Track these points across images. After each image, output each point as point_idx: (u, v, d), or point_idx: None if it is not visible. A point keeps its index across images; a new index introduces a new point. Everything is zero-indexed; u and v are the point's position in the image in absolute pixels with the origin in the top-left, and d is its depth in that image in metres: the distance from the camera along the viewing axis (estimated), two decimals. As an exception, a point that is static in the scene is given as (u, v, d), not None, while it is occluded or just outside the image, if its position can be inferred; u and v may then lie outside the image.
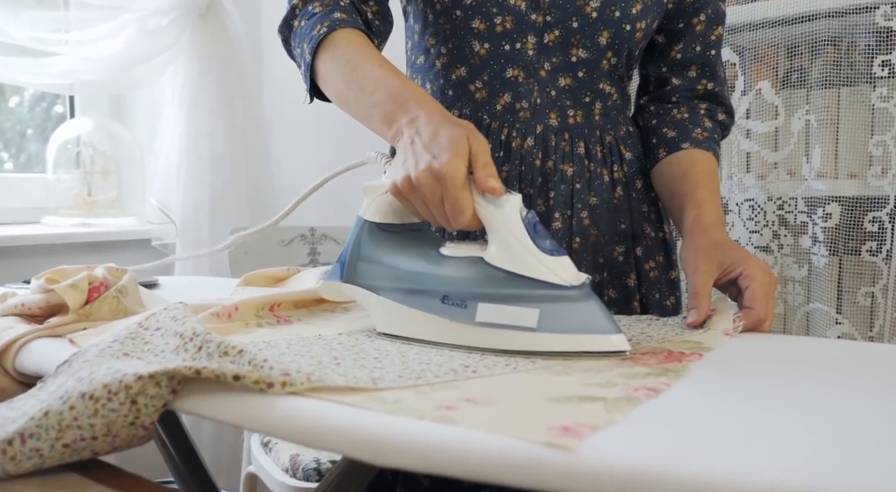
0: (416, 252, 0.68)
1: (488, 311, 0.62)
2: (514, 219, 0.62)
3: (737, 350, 0.66)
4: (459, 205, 0.62)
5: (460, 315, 0.63)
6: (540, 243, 0.62)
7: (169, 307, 0.68)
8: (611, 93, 0.93)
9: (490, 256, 0.63)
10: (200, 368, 0.53)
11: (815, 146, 1.17)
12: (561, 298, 0.61)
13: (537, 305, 0.60)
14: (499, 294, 0.62)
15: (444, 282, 0.64)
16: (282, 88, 2.12)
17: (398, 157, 0.68)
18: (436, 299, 0.64)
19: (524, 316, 0.61)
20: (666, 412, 0.48)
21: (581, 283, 0.62)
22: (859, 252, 1.15)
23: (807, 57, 1.21)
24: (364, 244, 0.71)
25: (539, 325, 0.60)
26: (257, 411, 0.50)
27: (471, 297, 0.63)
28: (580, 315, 0.61)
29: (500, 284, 0.62)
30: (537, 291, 0.61)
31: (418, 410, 0.48)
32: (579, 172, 0.91)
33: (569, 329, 0.60)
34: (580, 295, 0.61)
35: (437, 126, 0.67)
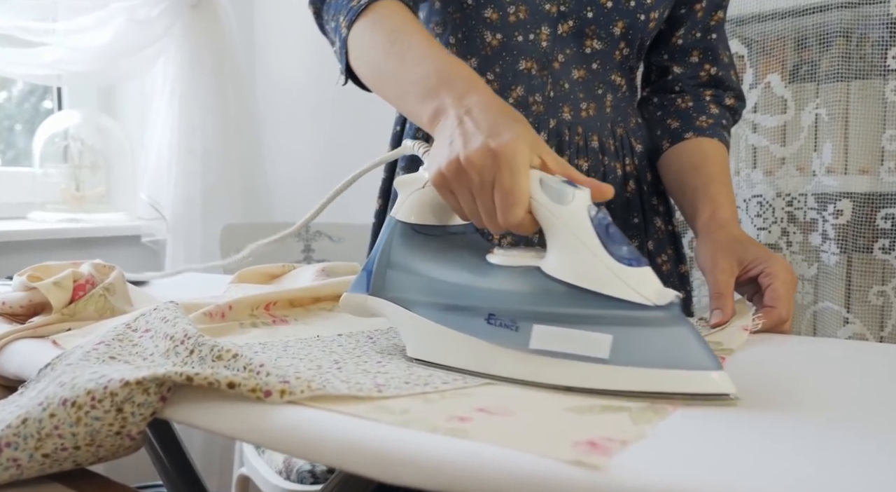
0: (458, 260, 0.56)
1: (546, 335, 0.49)
2: (582, 219, 0.49)
3: (759, 353, 0.63)
4: (515, 194, 0.51)
5: (510, 339, 0.50)
6: (614, 250, 0.49)
7: (159, 307, 0.65)
8: (621, 84, 0.90)
9: (549, 266, 0.50)
10: (192, 374, 0.49)
11: (826, 141, 1.14)
12: (642, 321, 0.47)
13: (610, 330, 0.47)
14: (560, 314, 0.49)
15: (489, 297, 0.52)
16: (276, 81, 2.07)
17: (441, 139, 0.57)
18: (480, 318, 0.51)
19: (593, 343, 0.47)
20: (697, 424, 0.44)
21: (668, 302, 0.48)
22: (871, 250, 1.12)
23: (816, 49, 1.18)
24: (396, 249, 0.58)
25: (612, 355, 0.47)
26: (254, 422, 0.47)
27: (523, 316, 0.50)
28: (668, 344, 0.46)
29: (562, 302, 0.49)
30: (611, 312, 0.48)
31: (429, 421, 0.44)
32: (594, 166, 0.88)
33: (652, 362, 0.46)
34: (667, 318, 0.47)
35: (497, 109, 0.57)
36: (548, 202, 0.51)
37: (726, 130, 0.91)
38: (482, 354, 0.52)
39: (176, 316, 0.61)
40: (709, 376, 0.46)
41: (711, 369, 0.46)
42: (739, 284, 0.74)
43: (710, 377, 0.46)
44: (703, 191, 0.82)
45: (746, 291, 0.75)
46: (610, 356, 0.47)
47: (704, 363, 0.46)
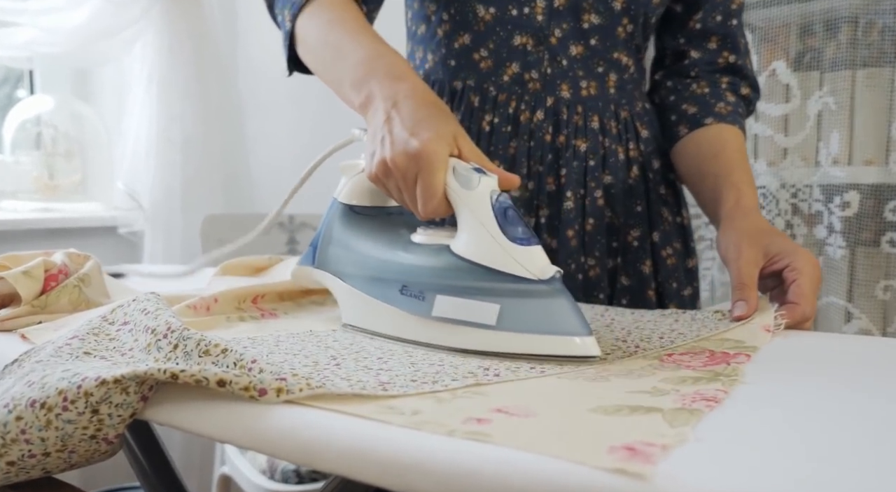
0: (387, 238, 0.63)
1: (446, 304, 0.56)
2: (483, 202, 0.56)
3: (785, 350, 0.59)
4: (431, 189, 0.56)
5: (417, 308, 0.57)
6: (509, 231, 0.55)
7: (139, 298, 0.59)
8: (627, 64, 0.86)
9: (456, 245, 0.57)
10: (177, 371, 0.44)
11: (833, 131, 1.11)
12: (525, 293, 0.54)
13: (498, 300, 0.54)
14: (458, 286, 0.56)
15: (403, 270, 0.59)
16: (258, 68, 2.01)
17: (371, 133, 0.62)
18: (395, 289, 0.59)
19: (483, 312, 0.54)
20: (736, 426, 0.40)
21: (550, 276, 0.54)
22: (878, 243, 1.09)
23: (822, 36, 1.15)
24: (336, 227, 0.66)
25: (498, 322, 0.54)
26: (247, 425, 0.42)
27: (429, 288, 0.57)
28: (546, 313, 0.53)
29: (461, 276, 0.56)
30: (499, 285, 0.54)
31: (444, 424, 0.40)
32: (593, 147, 0.84)
33: (531, 328, 0.53)
34: (548, 290, 0.54)
35: (420, 103, 0.61)
36: (457, 187, 0.57)
37: (742, 118, 0.88)
38: (397, 320, 0.59)
39: (158, 308, 0.56)
40: (575, 340, 0.53)
41: (580, 334, 0.53)
42: (761, 278, 0.70)
43: (578, 342, 0.53)
44: (726, 178, 0.79)
45: (768, 284, 0.71)
46: (497, 323, 0.54)
47: (575, 329, 0.53)
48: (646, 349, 0.59)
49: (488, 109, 0.84)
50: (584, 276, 0.85)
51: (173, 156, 1.85)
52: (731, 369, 0.52)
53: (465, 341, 0.55)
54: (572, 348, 0.53)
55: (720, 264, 1.29)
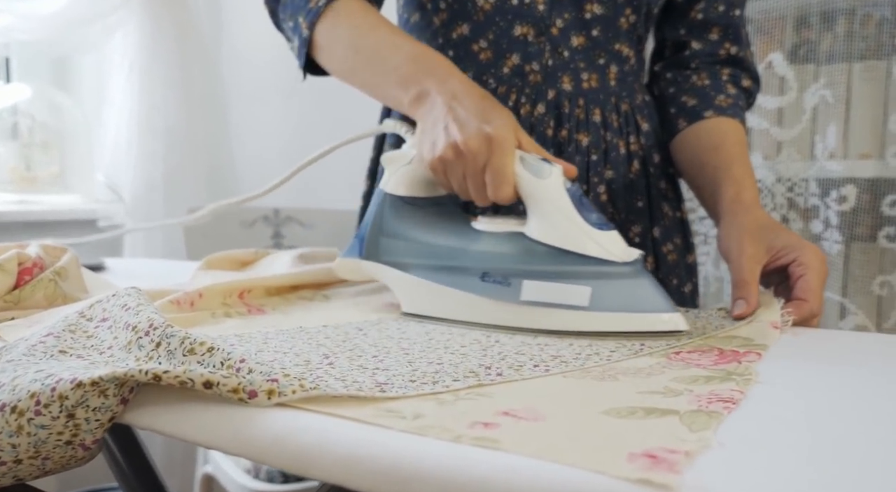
0: (447, 227, 0.65)
1: (534, 288, 0.58)
2: (559, 190, 0.58)
3: (796, 348, 0.57)
4: (505, 173, 0.59)
5: (503, 294, 0.59)
6: (587, 216, 0.58)
7: (119, 293, 0.56)
8: (628, 56, 0.84)
9: (532, 231, 0.59)
10: (160, 372, 0.41)
11: (829, 124, 1.10)
12: (612, 274, 0.57)
13: (588, 283, 0.57)
14: (545, 271, 0.58)
15: (483, 258, 0.60)
16: (243, 57, 1.97)
17: (430, 124, 0.63)
18: (475, 277, 0.60)
19: (574, 294, 0.57)
20: (759, 430, 0.38)
21: (634, 259, 0.58)
22: (875, 238, 1.07)
23: (818, 29, 1.13)
24: (387, 219, 0.67)
25: (591, 303, 0.56)
26: (236, 430, 0.39)
27: (514, 274, 0.59)
28: (633, 293, 0.57)
29: (546, 261, 0.58)
30: (587, 268, 0.57)
31: (449, 428, 0.37)
32: (595, 142, 0.81)
33: (622, 307, 0.56)
34: (633, 272, 0.57)
35: (480, 96, 0.64)
36: (529, 177, 0.59)
37: (743, 112, 0.85)
38: (478, 306, 0.60)
39: (139, 303, 0.53)
40: (666, 317, 0.57)
41: (668, 311, 0.57)
42: (766, 273, 0.68)
43: (668, 318, 0.57)
44: (726, 171, 0.76)
45: (772, 280, 0.69)
46: (590, 304, 0.56)
47: (663, 307, 0.57)
48: (651, 347, 0.56)
49: None
50: None
51: (155, 147, 1.81)
52: (743, 367, 0.50)
53: (558, 323, 0.57)
54: (662, 324, 0.56)
55: (714, 259, 1.27)
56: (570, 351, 0.54)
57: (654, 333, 0.56)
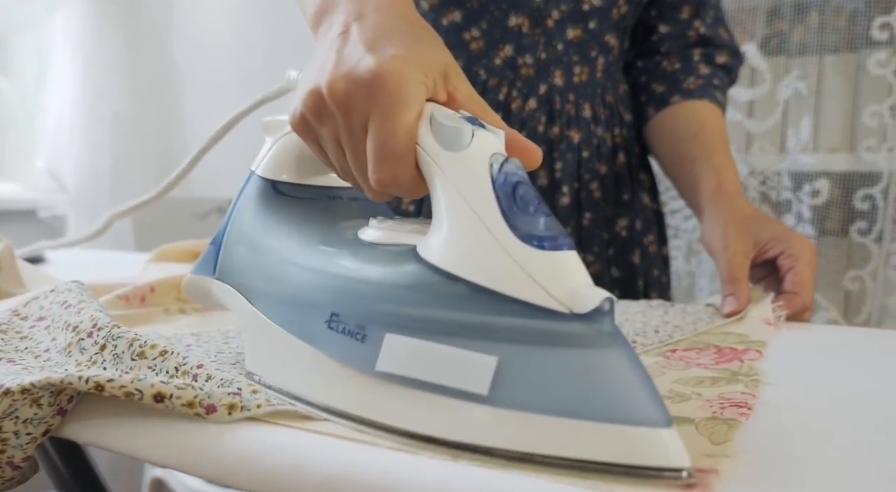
0: (320, 234, 0.40)
1: (400, 349, 0.32)
2: (477, 172, 0.33)
3: (795, 346, 0.54)
4: (391, 141, 0.34)
5: (353, 353, 0.33)
6: (521, 223, 0.32)
7: (58, 288, 0.50)
8: (614, 46, 0.81)
9: (426, 246, 0.34)
10: (103, 380, 0.35)
11: (803, 117, 1.08)
12: (545, 336, 0.30)
13: (496, 349, 0.30)
14: (427, 318, 0.32)
15: (335, 289, 0.35)
16: (196, 40, 1.89)
17: (316, 55, 0.40)
18: (320, 320, 0.35)
19: (468, 368, 0.30)
20: (783, 440, 0.35)
21: (593, 308, 0.30)
22: (847, 232, 1.06)
23: (789, 21, 1.12)
24: (249, 215, 0.43)
25: (493, 390, 0.30)
26: (197, 448, 0.34)
27: (375, 320, 0.33)
28: (586, 377, 0.29)
29: (432, 300, 0.32)
30: (501, 320, 0.31)
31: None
32: (586, 138, 0.78)
33: (557, 407, 0.29)
34: (587, 334, 0.30)
35: (395, 14, 0.40)
36: (433, 147, 0.34)
37: (720, 91, 0.82)
38: (319, 373, 0.35)
39: (81, 300, 0.47)
40: (650, 436, 0.28)
41: (656, 424, 0.28)
42: (754, 266, 0.65)
43: (653, 440, 0.28)
44: (706, 161, 0.74)
45: (760, 273, 0.66)
46: (490, 392, 0.30)
47: (645, 415, 0.28)
48: (644, 344, 0.53)
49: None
50: None
51: (100, 134, 1.71)
52: (747, 367, 0.47)
53: (431, 423, 0.31)
54: (638, 452, 0.28)
55: (685, 254, 1.26)
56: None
57: (623, 468, 0.28)
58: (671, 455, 0.28)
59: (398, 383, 0.32)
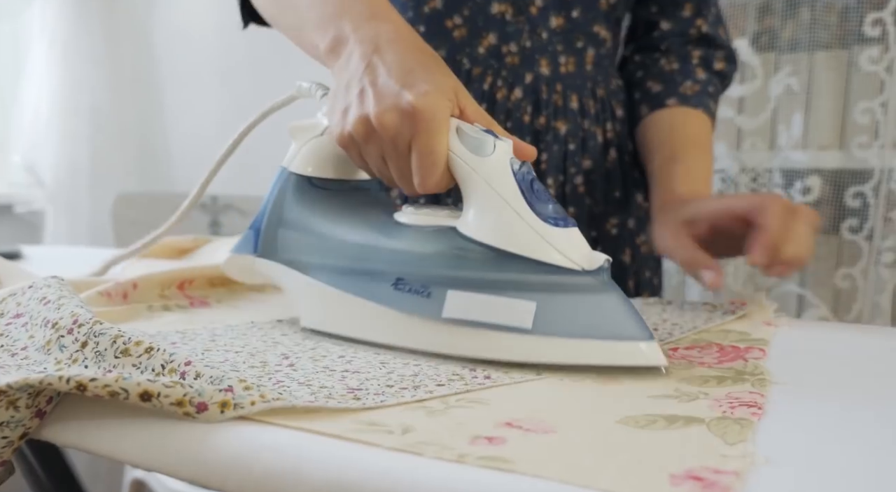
0: (362, 218, 0.50)
1: (461, 302, 0.43)
2: (503, 172, 0.44)
3: (798, 343, 0.53)
4: (434, 157, 0.44)
5: (421, 307, 0.44)
6: (539, 208, 0.44)
7: (36, 284, 0.48)
8: (605, 38, 0.79)
9: (465, 226, 0.45)
10: (86, 380, 0.33)
11: (795, 113, 1.08)
12: (568, 287, 0.42)
13: (533, 297, 0.42)
14: (477, 279, 0.43)
15: (397, 259, 0.46)
16: (177, 32, 1.85)
17: (343, 84, 0.49)
18: (386, 284, 0.46)
19: (514, 311, 0.42)
20: (799, 440, 0.34)
21: (597, 266, 0.43)
22: (838, 230, 1.06)
23: (780, 17, 1.11)
24: (288, 205, 0.52)
25: (536, 325, 0.42)
26: (184, 450, 0.32)
27: (437, 281, 0.44)
28: (596, 313, 0.42)
29: (480, 266, 0.44)
30: (533, 277, 0.43)
31: (449, 445, 0.31)
32: (573, 130, 0.77)
33: (578, 332, 0.42)
34: (596, 284, 0.43)
35: (408, 46, 0.49)
36: (465, 154, 0.45)
37: (713, 99, 0.81)
38: (389, 323, 0.46)
39: (61, 296, 0.45)
40: (637, 347, 0.42)
41: (641, 338, 0.42)
42: (715, 246, 0.62)
43: (640, 349, 0.42)
44: (660, 172, 0.73)
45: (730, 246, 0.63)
46: (533, 326, 0.42)
47: (634, 333, 0.42)
48: (644, 343, 0.52)
49: None
50: None
51: (79, 127, 1.68)
52: (752, 366, 0.46)
53: (491, 349, 0.43)
54: (633, 357, 0.42)
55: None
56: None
57: (622, 369, 0.42)
58: (650, 357, 0.42)
59: (462, 325, 0.43)
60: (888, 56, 1.01)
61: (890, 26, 1.00)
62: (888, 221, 1.01)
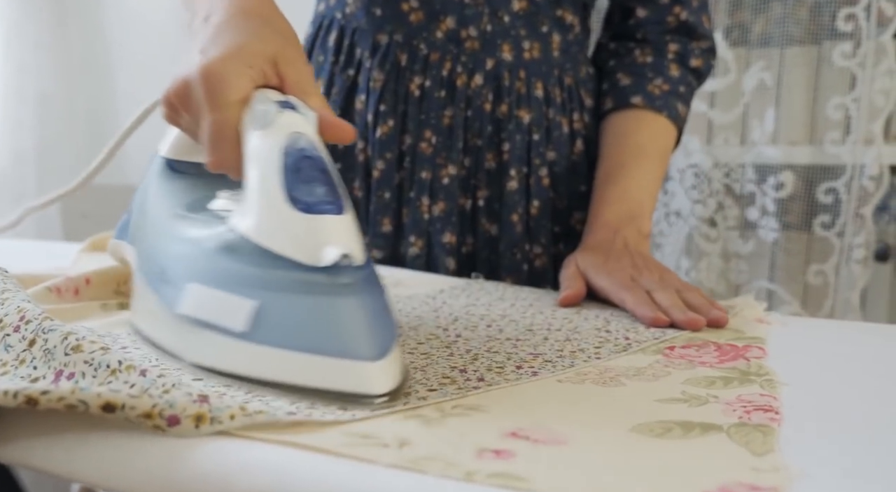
0: (185, 204, 0.47)
1: (195, 297, 0.38)
2: (268, 146, 0.39)
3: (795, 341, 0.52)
4: (216, 125, 0.40)
5: (169, 299, 0.40)
6: (297, 189, 0.38)
7: (-24, 279, 0.43)
8: (572, 23, 0.76)
9: (237, 213, 0.41)
10: (36, 393, 0.29)
11: (768, 108, 1.07)
12: (294, 286, 0.36)
13: (258, 295, 0.36)
14: (216, 271, 0.38)
15: (168, 249, 0.43)
16: (128, 16, 1.78)
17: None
18: (156, 274, 0.43)
19: (232, 311, 0.36)
20: (828, 448, 0.31)
21: (330, 262, 0.36)
22: (810, 226, 1.06)
23: (750, 12, 1.11)
24: (150, 189, 0.50)
25: (250, 328, 0.36)
26: (154, 468, 0.28)
27: (184, 273, 0.40)
28: (320, 320, 0.35)
29: (224, 257, 0.38)
30: (261, 271, 0.37)
31: (454, 461, 0.28)
32: (537, 119, 0.74)
33: (293, 343, 0.35)
34: (325, 284, 0.36)
35: (236, 9, 0.45)
36: (247, 128, 0.40)
37: (682, 101, 0.78)
38: (150, 315, 0.43)
39: (5, 289, 0.40)
40: (358, 369, 0.34)
41: (365, 358, 0.34)
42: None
43: (360, 371, 0.34)
44: (596, 191, 0.73)
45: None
46: (249, 330, 0.36)
47: (359, 349, 0.35)
48: (639, 342, 0.49)
49: (418, 70, 0.72)
50: (530, 266, 0.75)
51: (24, 114, 1.59)
52: (755, 366, 0.44)
53: (207, 355, 0.37)
54: (345, 380, 0.34)
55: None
56: (549, 347, 0.46)
57: (335, 394, 0.34)
58: (372, 384, 0.34)
59: (191, 323, 0.38)
60: (861, 51, 1.01)
61: (863, 21, 1.01)
62: (860, 218, 1.01)
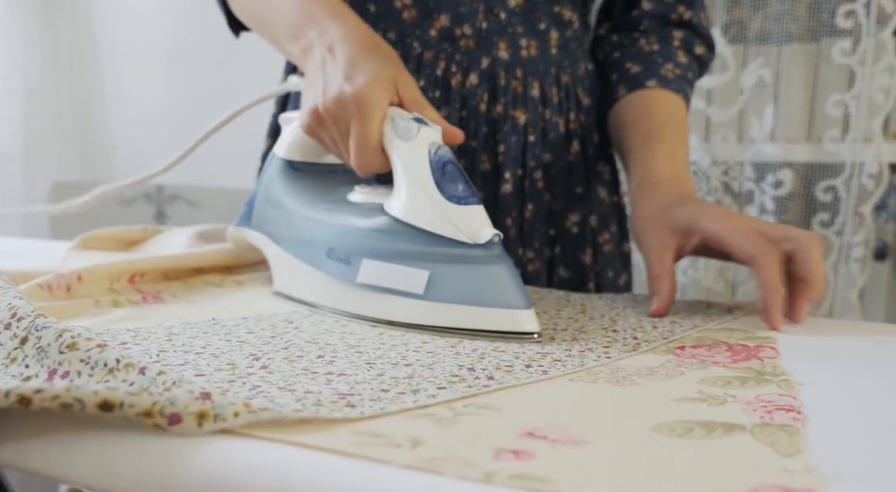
0: (322, 197, 0.59)
1: (372, 269, 0.50)
2: (419, 155, 0.50)
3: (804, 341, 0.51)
4: (365, 140, 0.52)
5: (343, 273, 0.52)
6: (446, 188, 0.50)
7: (-37, 274, 0.41)
8: (571, 19, 0.75)
9: (390, 203, 0.52)
10: (29, 392, 0.27)
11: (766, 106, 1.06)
12: (458, 258, 0.48)
13: (428, 266, 0.49)
14: (386, 249, 0.50)
15: (331, 231, 0.54)
16: (118, 12, 1.76)
17: (307, 82, 0.58)
18: (321, 252, 0.54)
19: (410, 279, 0.49)
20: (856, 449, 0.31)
21: (486, 240, 0.48)
22: (809, 224, 1.05)
23: (748, 9, 1.10)
24: (273, 185, 0.61)
25: (427, 291, 0.48)
26: (153, 469, 0.26)
27: (356, 251, 0.52)
28: (479, 282, 0.48)
29: (390, 238, 0.50)
30: (429, 248, 0.49)
31: (470, 460, 0.27)
32: (533, 120, 0.72)
33: (463, 299, 0.48)
34: (483, 256, 0.48)
35: (358, 43, 0.56)
36: (393, 139, 0.51)
37: (691, 86, 0.77)
38: (323, 286, 0.54)
39: (-6, 287, 0.39)
40: (515, 315, 0.47)
41: (519, 307, 0.47)
42: (703, 254, 0.61)
43: (516, 317, 0.47)
44: (637, 152, 0.69)
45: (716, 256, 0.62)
46: (425, 292, 0.48)
47: (513, 302, 0.47)
48: (648, 341, 0.48)
49: (411, 69, 0.71)
50: (523, 270, 0.74)
51: (11, 110, 1.58)
52: (770, 366, 0.43)
53: (390, 312, 0.50)
54: (507, 323, 0.47)
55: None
56: (556, 347, 0.45)
57: (499, 333, 0.47)
58: (525, 324, 0.47)
59: (371, 289, 0.50)
60: (860, 48, 1.00)
61: (862, 18, 1.00)
62: (859, 216, 1.01)
